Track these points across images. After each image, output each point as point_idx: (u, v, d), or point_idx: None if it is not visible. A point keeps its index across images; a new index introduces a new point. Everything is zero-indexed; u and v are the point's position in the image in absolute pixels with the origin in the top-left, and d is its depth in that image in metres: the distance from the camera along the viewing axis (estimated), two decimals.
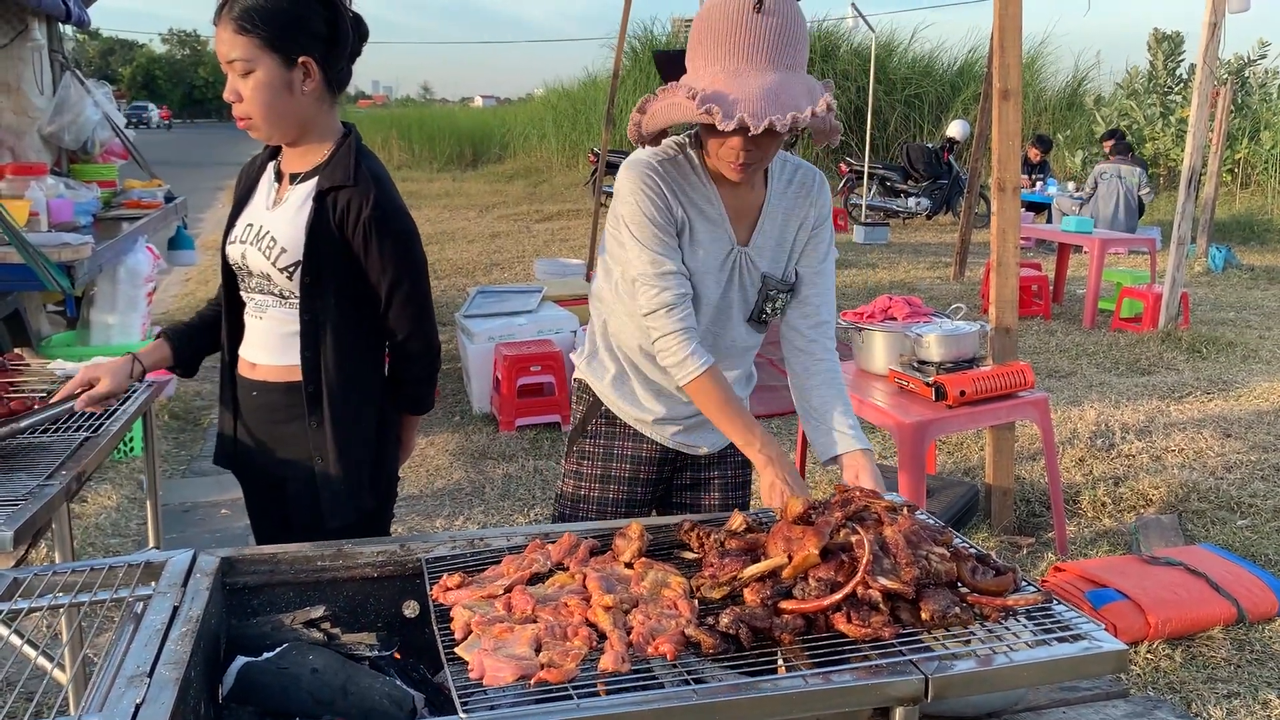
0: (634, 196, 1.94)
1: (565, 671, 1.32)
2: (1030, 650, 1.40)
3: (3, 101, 6.31)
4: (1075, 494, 4.65)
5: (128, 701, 1.25)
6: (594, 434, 2.19)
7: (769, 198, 2.04)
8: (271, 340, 2.12)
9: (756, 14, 1.76)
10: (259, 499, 2.27)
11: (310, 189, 2.07)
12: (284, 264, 2.05)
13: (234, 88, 2.00)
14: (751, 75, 1.76)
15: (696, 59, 1.84)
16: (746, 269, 2.04)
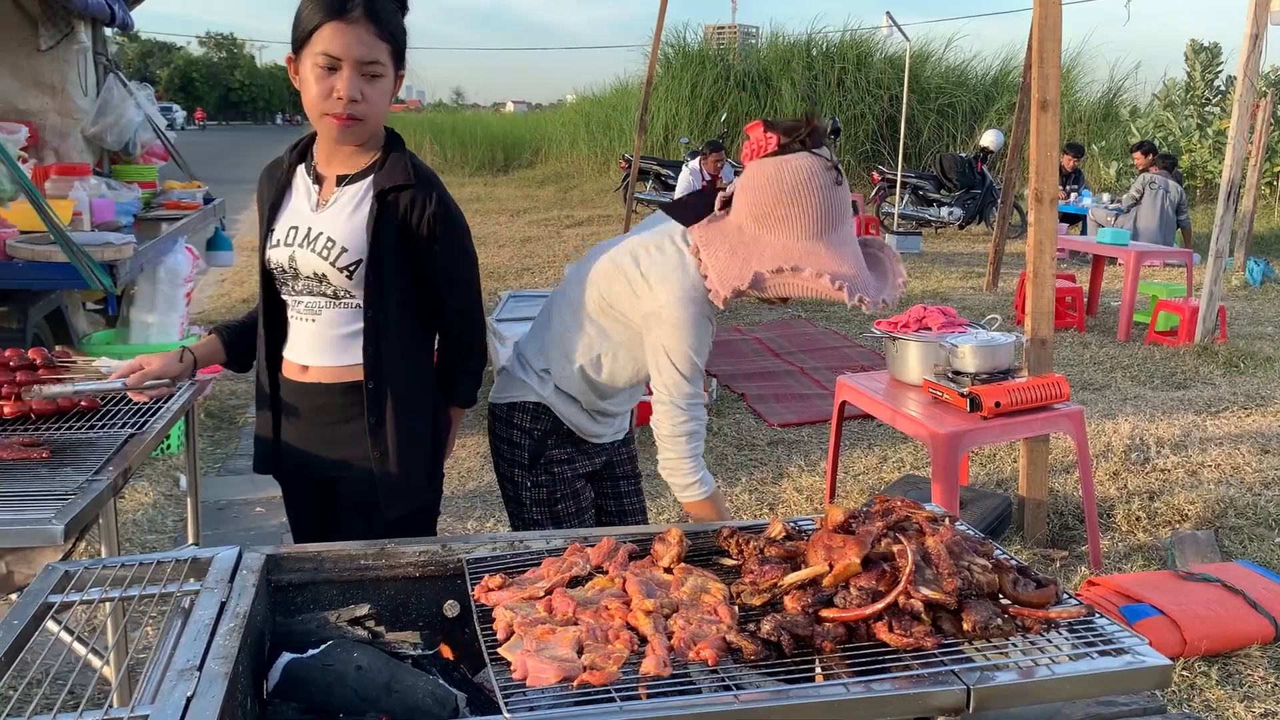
0: (690, 334, 2.10)
1: (608, 674, 1.34)
2: (1073, 663, 1.40)
3: (48, 103, 6.42)
4: (1109, 508, 4.61)
5: (179, 694, 1.27)
6: (556, 444, 2.36)
7: None
8: (326, 342, 2.15)
9: (838, 186, 2.00)
10: (304, 500, 2.29)
11: (362, 190, 2.11)
12: (344, 263, 2.08)
13: (360, 88, 2.01)
14: (846, 246, 2.02)
15: (785, 234, 2.01)
16: None
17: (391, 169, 2.11)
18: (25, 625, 1.45)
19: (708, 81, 21.94)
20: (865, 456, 5.37)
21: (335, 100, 2.00)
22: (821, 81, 21.60)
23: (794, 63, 21.95)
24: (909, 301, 9.18)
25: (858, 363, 7.31)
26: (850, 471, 5.15)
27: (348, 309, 2.13)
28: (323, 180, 2.17)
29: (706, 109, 21.67)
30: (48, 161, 6.15)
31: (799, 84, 21.44)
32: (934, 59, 22.60)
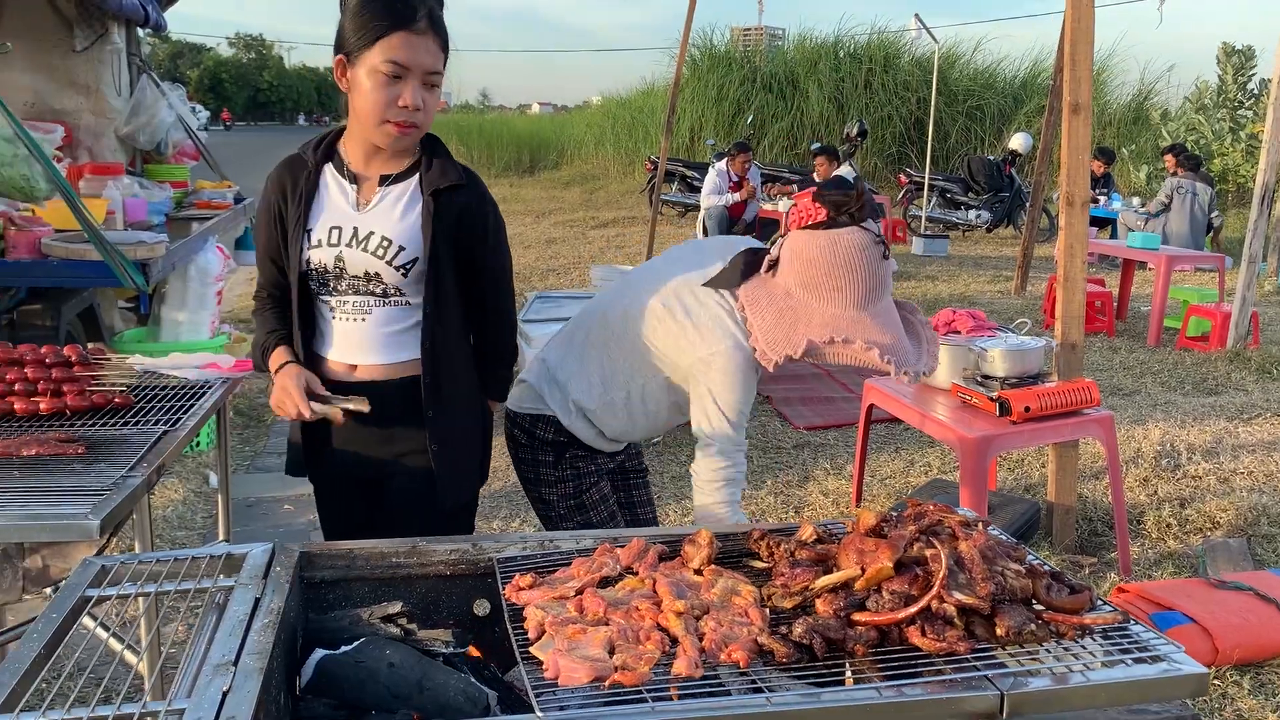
0: (739, 383, 2.16)
1: (639, 675, 1.34)
2: (1108, 670, 1.38)
3: (82, 103, 6.50)
4: (1139, 514, 4.57)
5: (215, 689, 1.28)
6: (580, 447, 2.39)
7: None
8: (377, 340, 2.18)
9: (884, 260, 2.08)
10: (341, 501, 2.31)
11: (409, 189, 2.15)
12: (401, 261, 2.12)
13: (421, 97, 2.05)
14: (889, 315, 2.10)
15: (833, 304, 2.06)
16: None
17: (444, 169, 2.16)
18: (64, 619, 1.47)
19: (734, 83, 21.91)
20: (892, 460, 5.35)
21: (400, 109, 2.03)
22: (848, 83, 21.53)
23: (821, 64, 21.89)
24: (937, 305, 9.14)
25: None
26: (877, 475, 5.13)
27: (398, 306, 2.17)
28: (360, 180, 2.18)
29: (732, 111, 21.64)
30: (82, 161, 6.23)
31: (826, 86, 21.38)
32: (962, 61, 22.48)
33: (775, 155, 20.77)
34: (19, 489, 2.07)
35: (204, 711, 1.23)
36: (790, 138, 21.45)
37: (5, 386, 2.56)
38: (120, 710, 1.25)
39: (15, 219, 4.62)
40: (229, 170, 8.03)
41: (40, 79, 6.35)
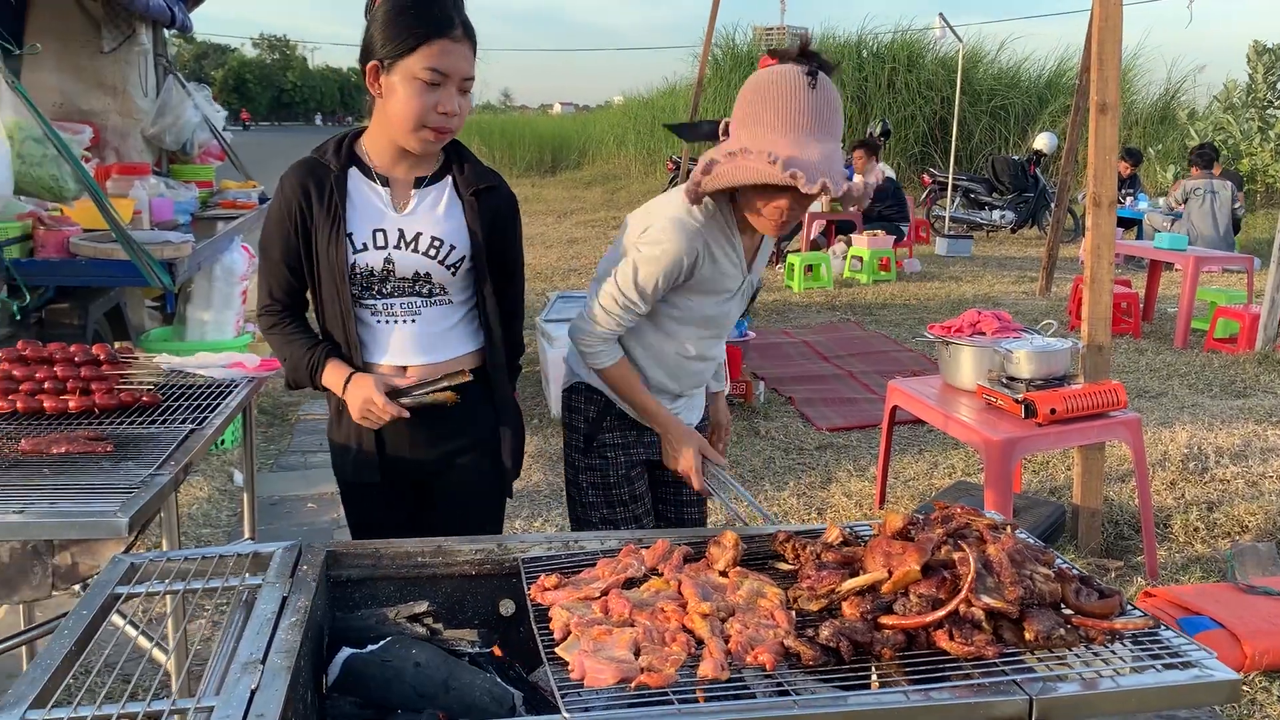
0: (667, 251, 2.16)
1: (665, 676, 1.33)
2: (1138, 675, 1.37)
3: (109, 104, 6.55)
4: (1166, 518, 4.53)
5: (243, 687, 1.29)
6: (610, 428, 2.41)
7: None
8: (428, 339, 2.20)
9: (811, 90, 2.00)
10: (384, 506, 2.32)
11: (444, 190, 2.20)
12: (452, 260, 2.17)
13: (457, 102, 2.08)
14: (813, 144, 1.99)
15: (755, 128, 2.02)
16: (749, 287, 2.42)
17: (477, 171, 2.24)
18: (94, 615, 1.48)
19: None
20: (915, 462, 5.32)
21: (440, 115, 2.05)
22: (872, 83, 21.44)
23: (844, 63, 21.80)
24: (961, 306, 9.09)
25: (907, 367, 7.24)
26: (900, 477, 5.10)
27: (444, 304, 2.22)
28: (392, 183, 2.18)
29: None
30: (109, 161, 6.28)
31: (849, 85, 21.30)
32: (987, 60, 22.34)
33: None
34: (49, 487, 2.09)
35: (232, 709, 1.24)
36: None
37: (35, 385, 2.59)
38: (150, 707, 1.26)
39: (44, 218, 4.66)
40: (257, 171, 8.09)
41: (68, 80, 6.40)
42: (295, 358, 2.21)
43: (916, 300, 10.03)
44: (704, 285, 2.26)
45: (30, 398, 2.56)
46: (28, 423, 2.51)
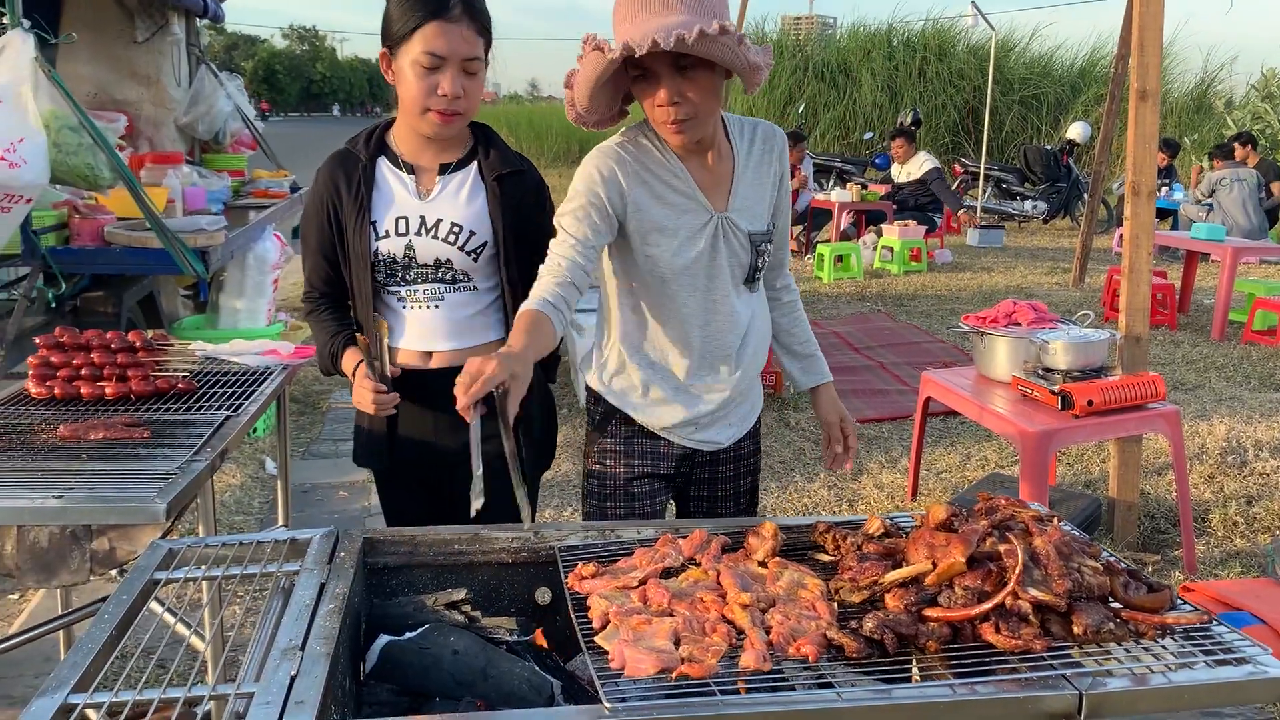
0: (585, 175, 1.99)
1: (706, 667, 1.32)
2: (1191, 671, 1.34)
3: (143, 93, 6.59)
4: (1204, 512, 4.46)
5: (283, 673, 1.28)
6: (614, 434, 2.19)
7: (738, 161, 2.08)
8: (452, 326, 2.19)
9: None
10: (406, 490, 2.31)
11: (469, 176, 2.18)
12: (472, 246, 2.15)
13: (462, 85, 2.06)
14: (652, 18, 1.81)
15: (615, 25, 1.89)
16: (731, 233, 2.07)
17: (503, 156, 2.21)
18: (134, 600, 1.48)
19: (785, 72, 21.73)
20: (948, 454, 5.27)
21: (440, 98, 2.05)
22: (902, 72, 21.27)
23: (874, 53, 21.65)
24: (993, 297, 9.00)
25: (939, 358, 7.18)
26: (932, 469, 5.05)
27: (467, 291, 2.19)
28: (417, 170, 2.18)
29: (784, 100, 21.47)
30: (142, 150, 6.31)
31: (879, 75, 21.14)
32: (1018, 49, 22.10)
33: (827, 145, 20.59)
34: (87, 472, 2.10)
35: (272, 695, 1.23)
36: (842, 127, 21.25)
37: (72, 371, 2.61)
38: (191, 692, 1.26)
39: (79, 207, 4.70)
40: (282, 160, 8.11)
41: (102, 69, 6.44)
42: (320, 343, 2.30)
43: (948, 291, 9.94)
44: (655, 219, 2.00)
45: (68, 384, 2.58)
46: (65, 409, 2.53)
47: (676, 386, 2.12)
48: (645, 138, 2.03)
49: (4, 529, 1.98)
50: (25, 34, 3.96)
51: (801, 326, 2.37)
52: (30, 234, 4.24)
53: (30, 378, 2.61)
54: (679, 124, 1.89)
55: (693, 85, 1.86)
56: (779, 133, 2.18)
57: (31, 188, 3.83)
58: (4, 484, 2.03)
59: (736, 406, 2.20)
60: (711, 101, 1.91)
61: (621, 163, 1.99)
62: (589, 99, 1.90)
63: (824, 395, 2.35)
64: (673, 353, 2.11)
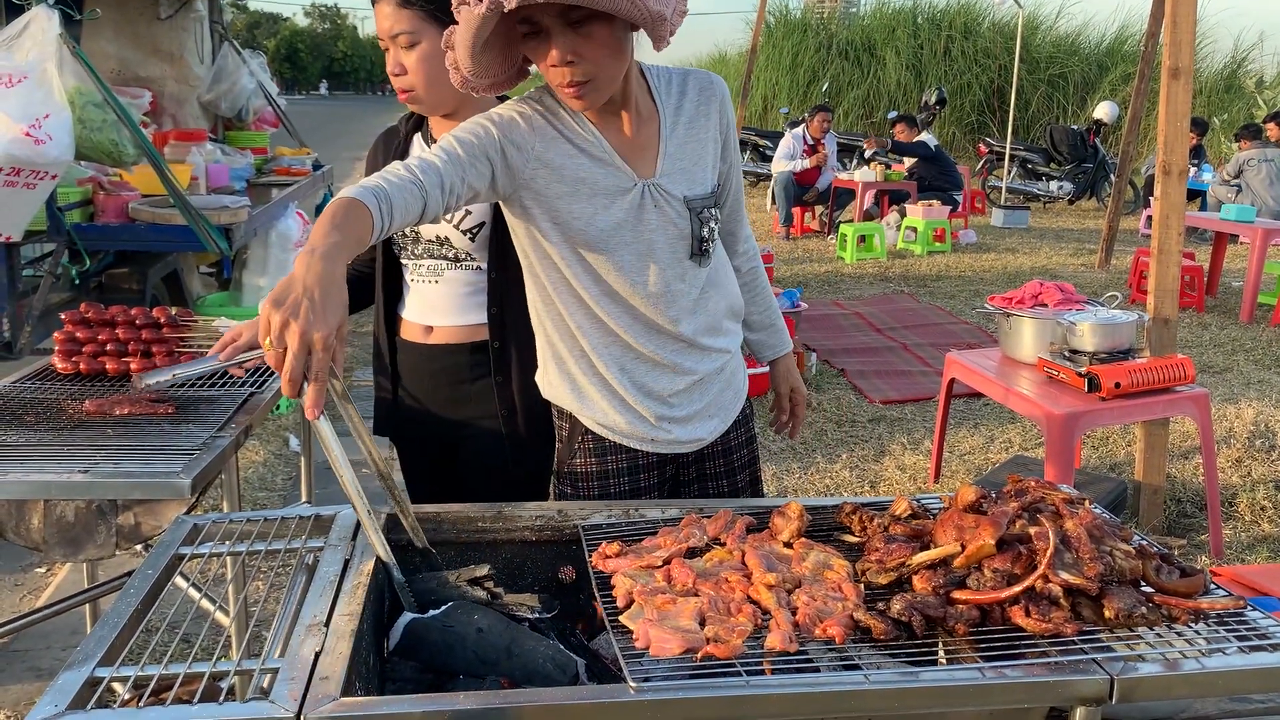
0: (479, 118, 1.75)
1: (732, 647, 1.30)
2: (1225, 657, 1.32)
3: (166, 70, 6.61)
4: (1232, 496, 4.41)
5: (308, 649, 1.28)
6: (583, 452, 1.97)
7: (663, 120, 1.85)
8: (451, 302, 2.17)
9: None
10: (423, 462, 2.32)
11: None
12: (467, 225, 2.10)
13: (398, 61, 2.02)
14: None
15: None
16: (662, 200, 1.83)
17: None
18: (159, 575, 1.48)
19: (809, 50, 21.58)
20: (971, 436, 5.24)
21: (393, 77, 2.06)
22: (927, 50, 21.07)
23: (899, 31, 21.44)
24: (1017, 278, 8.92)
25: (963, 340, 7.13)
26: (955, 451, 5.02)
27: (469, 270, 2.15)
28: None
29: (807, 78, 21.33)
30: (166, 127, 6.34)
31: (903, 53, 20.94)
32: (1045, 27, 21.83)
33: (851, 124, 20.44)
34: (112, 447, 2.11)
35: (297, 671, 1.23)
36: (866, 105, 21.10)
37: (97, 347, 2.61)
38: (216, 667, 1.26)
39: (104, 183, 4.72)
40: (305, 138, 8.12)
41: (126, 46, 6.46)
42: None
43: (972, 272, 9.86)
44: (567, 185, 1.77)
45: (93, 359, 2.58)
46: (91, 384, 2.54)
47: (625, 376, 1.90)
48: (552, 96, 1.79)
49: (31, 503, 1.99)
50: (50, 10, 3.97)
51: (762, 296, 2.19)
52: (55, 210, 4.26)
53: (56, 353, 2.62)
54: (576, 87, 1.66)
55: (588, 42, 1.61)
56: (718, 82, 1.94)
57: (57, 164, 3.84)
58: (31, 458, 2.04)
59: (716, 395, 2.00)
60: (614, 59, 1.66)
61: (526, 117, 1.76)
62: (471, 60, 1.64)
63: (780, 365, 2.26)
64: (609, 341, 1.87)
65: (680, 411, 1.95)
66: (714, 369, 1.98)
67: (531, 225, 1.82)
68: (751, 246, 2.20)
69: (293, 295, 1.31)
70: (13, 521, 2.02)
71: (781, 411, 2.29)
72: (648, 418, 1.92)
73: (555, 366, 1.95)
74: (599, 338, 1.87)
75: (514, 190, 1.78)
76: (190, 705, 1.17)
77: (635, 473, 1.98)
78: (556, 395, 1.97)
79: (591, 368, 1.90)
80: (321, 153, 8.31)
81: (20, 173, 3.74)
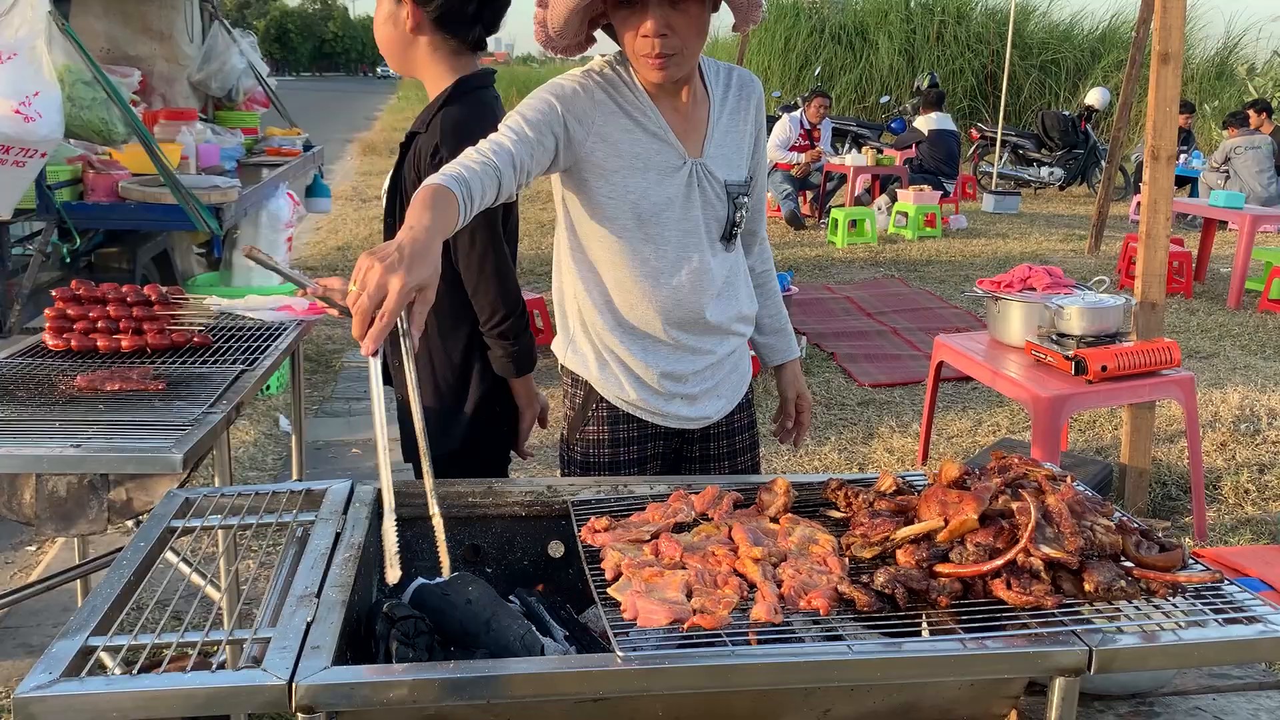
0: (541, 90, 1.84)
1: (718, 619, 1.32)
2: (1201, 629, 1.34)
3: (156, 49, 6.55)
4: (1216, 479, 4.46)
5: (299, 619, 1.30)
6: (595, 420, 2.04)
7: (713, 105, 1.96)
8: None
9: None
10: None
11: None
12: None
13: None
14: None
15: None
16: (706, 180, 1.93)
17: (423, 116, 2.11)
18: (151, 548, 1.50)
19: (801, 34, 21.51)
20: (959, 419, 5.27)
21: None
22: (919, 35, 21.03)
23: (891, 15, 21.39)
24: (1007, 263, 8.95)
25: (952, 324, 7.16)
26: (943, 434, 5.05)
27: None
28: None
29: (800, 63, 21.27)
30: (155, 106, 6.29)
31: (896, 38, 20.91)
32: (1038, 13, 21.82)
33: (844, 108, 20.40)
34: (104, 423, 2.12)
35: (289, 640, 1.25)
36: (859, 90, 21.05)
37: (89, 324, 2.62)
38: (209, 636, 1.27)
39: (94, 162, 4.70)
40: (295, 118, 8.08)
41: (115, 25, 6.41)
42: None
43: (962, 257, 9.89)
44: (623, 156, 1.86)
45: (84, 336, 2.59)
46: (82, 361, 2.54)
47: (649, 354, 1.97)
48: (614, 71, 1.89)
49: (23, 477, 2.00)
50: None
51: (774, 300, 2.24)
52: (45, 189, 4.24)
53: (47, 329, 2.62)
54: (663, 59, 1.76)
55: (683, 17, 1.74)
56: (756, 82, 2.06)
57: (46, 142, 3.82)
58: (23, 433, 2.05)
59: (725, 375, 2.08)
60: (698, 37, 1.80)
61: (587, 90, 1.85)
62: (564, 21, 1.75)
63: (788, 371, 2.26)
64: (641, 316, 1.95)
65: (692, 389, 2.03)
66: (728, 352, 2.06)
67: (586, 198, 1.90)
68: (767, 250, 2.26)
69: (385, 249, 1.39)
70: (4, 496, 2.03)
71: (787, 417, 2.29)
72: (661, 393, 2.00)
73: (583, 338, 2.01)
74: (630, 318, 1.95)
75: (574, 162, 1.87)
76: (183, 673, 1.19)
77: (644, 442, 2.05)
78: (577, 365, 2.03)
79: (617, 344, 1.97)
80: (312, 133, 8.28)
81: (10, 150, 3.72)
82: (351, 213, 11.45)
